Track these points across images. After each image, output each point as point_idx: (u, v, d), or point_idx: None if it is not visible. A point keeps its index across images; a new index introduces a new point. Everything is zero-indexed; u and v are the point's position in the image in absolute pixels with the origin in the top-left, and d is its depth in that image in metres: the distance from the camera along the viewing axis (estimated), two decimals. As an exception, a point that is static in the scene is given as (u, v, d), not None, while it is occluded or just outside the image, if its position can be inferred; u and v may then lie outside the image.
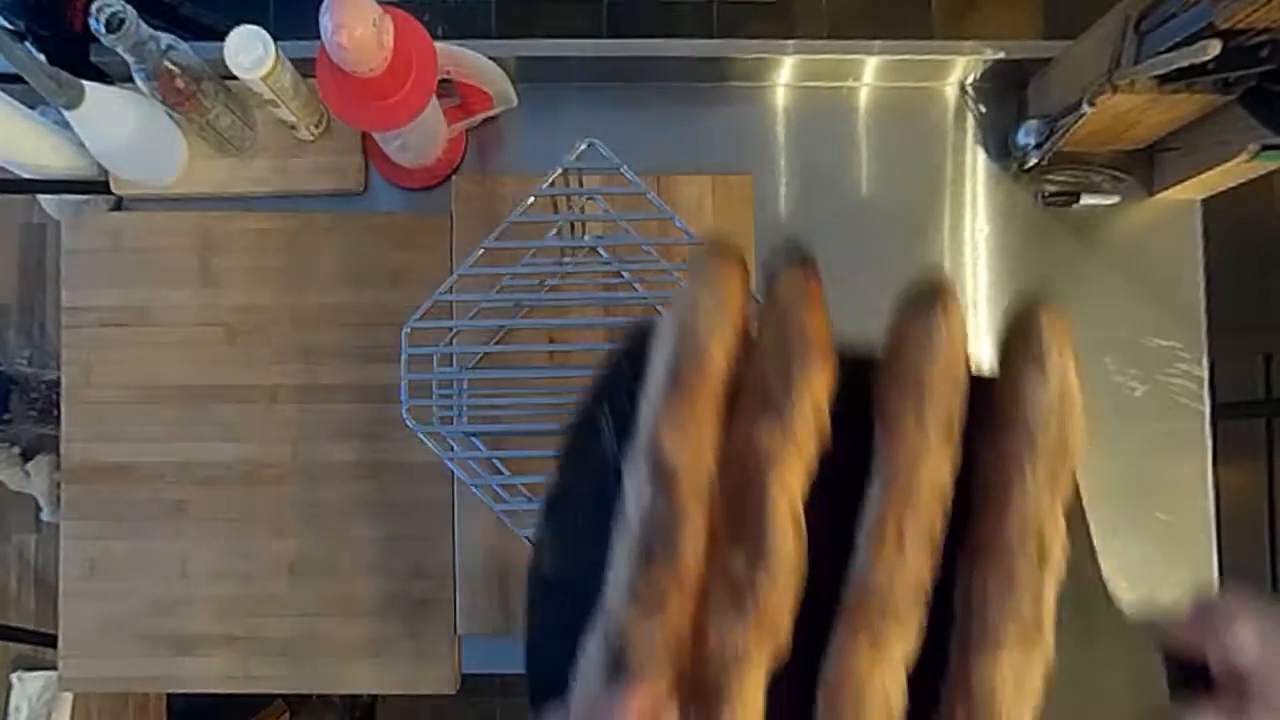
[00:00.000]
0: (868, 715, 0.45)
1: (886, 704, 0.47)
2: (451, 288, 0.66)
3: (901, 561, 0.47)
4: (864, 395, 0.48)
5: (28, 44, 0.74)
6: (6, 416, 0.83)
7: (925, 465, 0.47)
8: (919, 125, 0.85)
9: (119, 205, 0.83)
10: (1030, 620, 0.47)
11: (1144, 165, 0.81)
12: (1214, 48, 0.58)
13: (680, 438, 0.35)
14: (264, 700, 1.34)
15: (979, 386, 0.51)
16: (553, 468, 0.41)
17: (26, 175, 0.78)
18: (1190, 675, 0.47)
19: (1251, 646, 0.44)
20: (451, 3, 1.61)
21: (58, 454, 0.80)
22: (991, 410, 0.50)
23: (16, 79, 0.62)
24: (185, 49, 0.69)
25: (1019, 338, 0.52)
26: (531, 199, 0.60)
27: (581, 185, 0.66)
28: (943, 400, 0.49)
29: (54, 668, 0.81)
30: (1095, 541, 0.46)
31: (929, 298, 0.53)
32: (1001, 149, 0.83)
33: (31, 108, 0.74)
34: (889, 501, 0.48)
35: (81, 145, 0.73)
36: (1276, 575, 1.33)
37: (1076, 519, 0.48)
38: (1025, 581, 0.46)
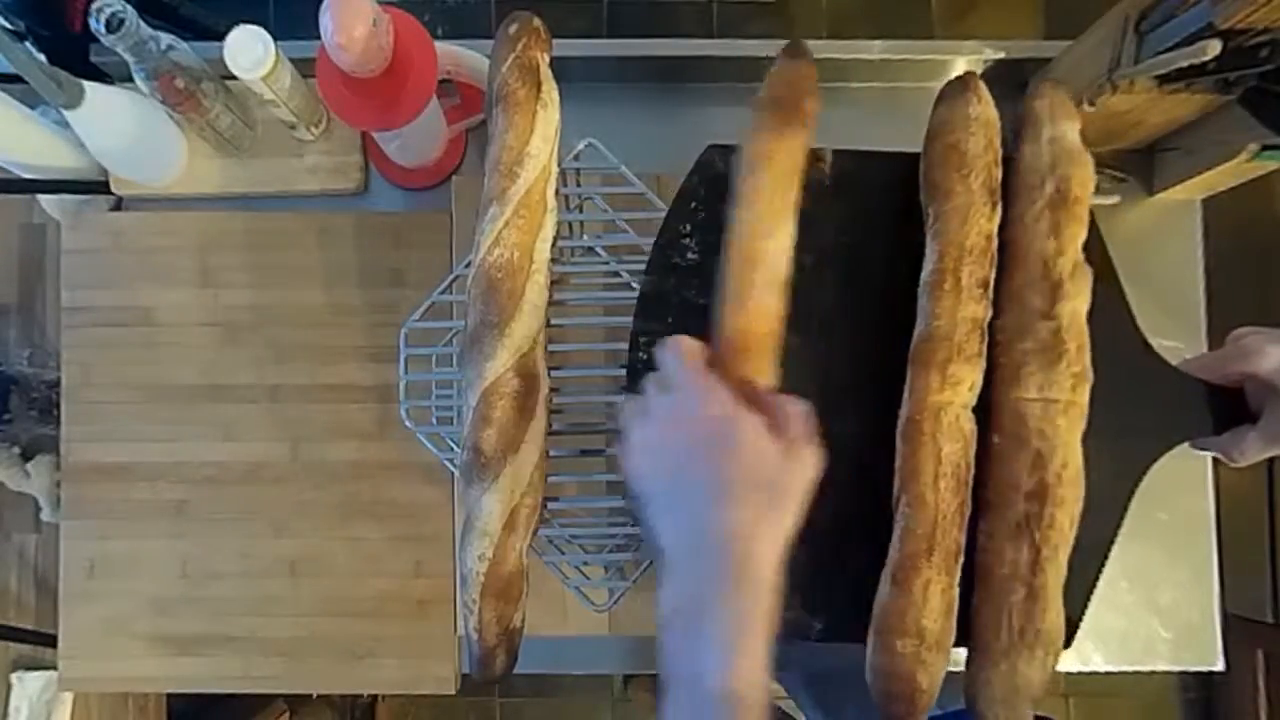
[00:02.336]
0: (945, 441, 0.47)
1: (961, 431, 0.49)
2: (450, 287, 0.66)
3: (960, 306, 0.49)
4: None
5: (28, 44, 0.74)
6: (6, 416, 0.83)
7: (973, 222, 0.50)
8: (919, 125, 0.84)
9: (119, 205, 0.83)
10: (1076, 361, 0.49)
11: (1144, 165, 0.81)
12: (1214, 48, 0.58)
13: None
14: (264, 700, 1.34)
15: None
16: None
17: (26, 175, 0.78)
18: (1234, 412, 0.50)
19: (1273, 356, 0.47)
20: (451, 3, 1.61)
21: (58, 454, 0.80)
22: (1011, 180, 0.52)
23: (16, 79, 0.62)
24: (185, 49, 0.69)
25: (1033, 117, 0.54)
26: (531, 199, 0.60)
27: (580, 185, 0.66)
28: (984, 167, 0.52)
29: (54, 668, 0.81)
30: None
31: (962, 86, 0.57)
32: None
33: (31, 108, 0.74)
34: (944, 257, 0.51)
35: (81, 145, 0.73)
36: (1277, 575, 1.32)
37: (1107, 271, 0.50)
38: (1045, 311, 0.47)
